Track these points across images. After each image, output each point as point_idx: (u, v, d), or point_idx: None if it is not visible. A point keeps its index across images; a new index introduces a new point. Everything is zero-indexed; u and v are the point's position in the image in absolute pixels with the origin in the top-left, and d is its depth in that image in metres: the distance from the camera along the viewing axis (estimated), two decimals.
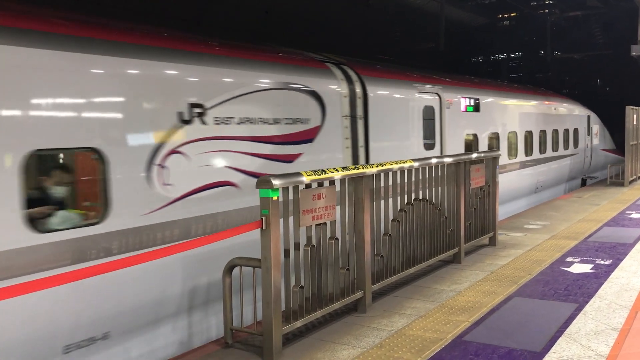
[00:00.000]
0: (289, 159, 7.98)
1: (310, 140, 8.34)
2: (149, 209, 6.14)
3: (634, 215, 12.13)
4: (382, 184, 6.54)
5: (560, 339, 5.32)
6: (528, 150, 16.19)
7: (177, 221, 6.40)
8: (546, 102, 18.19)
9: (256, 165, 7.45)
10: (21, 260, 5.05)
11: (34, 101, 5.30)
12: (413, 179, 7.13)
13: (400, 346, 5.26)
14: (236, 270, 5.44)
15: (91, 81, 5.75)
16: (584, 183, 21.63)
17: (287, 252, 5.34)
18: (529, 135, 16.20)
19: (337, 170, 5.77)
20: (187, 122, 6.59)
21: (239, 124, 7.22)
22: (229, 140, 7.10)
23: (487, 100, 13.92)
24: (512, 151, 15.21)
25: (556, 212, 12.87)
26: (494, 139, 14.18)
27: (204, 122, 6.77)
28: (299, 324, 5.38)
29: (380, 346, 5.28)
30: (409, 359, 4.98)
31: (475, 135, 13.26)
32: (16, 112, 5.18)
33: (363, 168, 6.10)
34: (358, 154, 9.33)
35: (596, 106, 24.22)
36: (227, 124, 7.04)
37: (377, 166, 6.33)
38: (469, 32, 36.63)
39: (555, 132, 18.35)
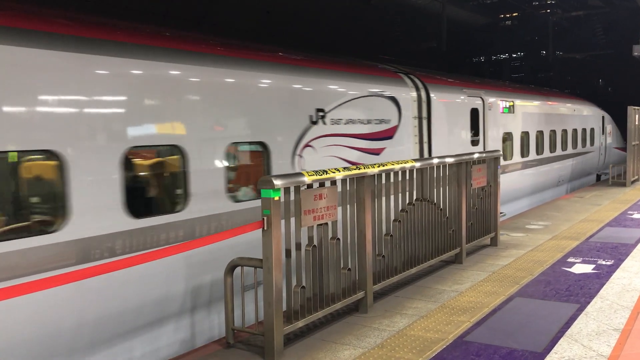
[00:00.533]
0: (376, 152, 9.77)
1: (390, 137, 10.19)
2: None
3: (636, 215, 12.12)
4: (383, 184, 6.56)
5: (562, 339, 5.32)
6: (552, 148, 17.83)
7: None
8: (567, 104, 19.72)
9: (355, 156, 9.16)
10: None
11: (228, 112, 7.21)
12: (415, 179, 7.13)
13: (402, 346, 5.26)
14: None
15: (264, 95, 7.81)
16: (598, 178, 22.85)
17: (288, 252, 5.35)
18: (552, 134, 17.83)
19: (338, 170, 5.77)
20: (314, 123, 8.45)
21: (345, 124, 9.07)
22: (340, 137, 8.93)
23: (520, 103, 15.63)
24: (539, 148, 16.79)
25: (558, 212, 12.86)
26: (525, 137, 15.83)
27: (324, 123, 8.63)
28: (300, 324, 5.38)
29: (382, 346, 5.28)
30: (410, 359, 4.98)
31: (510, 134, 14.95)
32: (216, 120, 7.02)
33: (364, 168, 6.11)
34: (423, 148, 11.12)
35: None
36: (338, 124, 8.91)
37: (378, 166, 6.33)
38: (471, 32, 36.61)
39: (575, 131, 19.83)
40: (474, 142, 13.11)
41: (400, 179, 6.84)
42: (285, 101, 8.11)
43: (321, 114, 8.57)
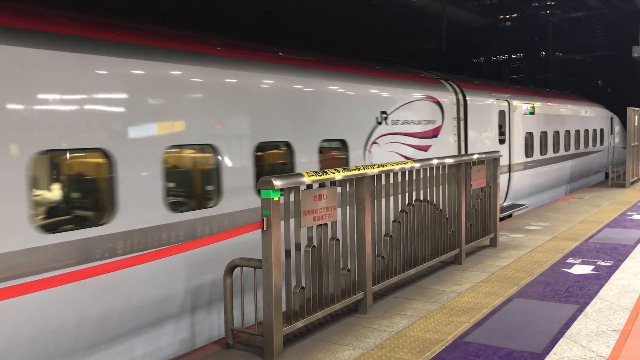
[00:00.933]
0: (425, 148, 11.22)
1: (436, 136, 11.67)
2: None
3: (635, 216, 12.12)
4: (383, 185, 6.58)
5: (561, 340, 5.32)
6: (566, 146, 19.32)
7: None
8: (579, 107, 21.17)
9: (409, 152, 10.68)
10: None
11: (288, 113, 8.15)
12: (414, 180, 7.14)
13: (401, 347, 5.26)
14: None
15: (345, 101, 9.35)
16: (606, 176, 24.14)
17: (288, 253, 5.35)
18: (567, 134, 19.29)
19: (338, 171, 5.78)
20: (379, 123, 9.94)
21: (402, 124, 10.55)
22: (397, 135, 10.41)
23: (539, 105, 17.12)
24: (556, 147, 18.37)
25: (557, 213, 12.86)
26: (543, 137, 17.30)
27: (386, 123, 10.11)
28: (299, 324, 5.38)
29: (381, 347, 5.28)
30: (409, 359, 4.99)
31: (531, 134, 16.33)
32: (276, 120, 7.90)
33: (364, 169, 6.11)
34: (461, 145, 12.62)
35: None
36: (396, 124, 10.36)
37: (378, 167, 6.34)
38: (471, 32, 36.62)
39: (586, 131, 21.35)
40: (501, 141, 14.63)
41: (399, 179, 6.84)
42: (359, 105, 9.63)
43: (384, 115, 10.11)
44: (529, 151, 16.06)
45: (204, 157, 7.07)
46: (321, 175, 5.49)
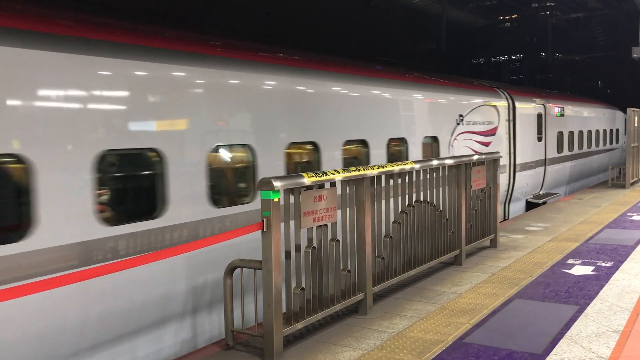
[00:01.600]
0: (487, 144, 13.77)
1: (494, 134, 14.25)
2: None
3: (635, 217, 12.12)
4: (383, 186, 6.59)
5: (562, 341, 5.32)
6: (588, 144, 21.84)
7: None
8: (599, 108, 23.73)
9: (477, 147, 13.23)
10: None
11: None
12: (414, 181, 7.13)
13: (401, 348, 5.26)
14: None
15: (437, 106, 12.10)
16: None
17: (288, 254, 5.34)
18: (589, 133, 21.80)
19: (338, 172, 5.77)
20: (458, 124, 12.55)
21: (472, 125, 13.15)
22: (469, 134, 13.04)
23: (567, 107, 19.64)
24: (580, 144, 20.86)
25: (557, 214, 12.86)
26: (570, 136, 19.69)
27: (462, 124, 12.74)
28: (299, 325, 5.38)
29: (381, 348, 5.28)
30: None
31: (561, 133, 18.87)
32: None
33: (364, 170, 6.11)
34: (511, 143, 15.11)
35: None
36: (468, 124, 13.00)
37: (377, 168, 6.34)
38: (470, 33, 36.61)
39: (605, 131, 23.88)
40: (539, 139, 17.07)
41: (399, 180, 6.84)
42: (447, 110, 12.31)
43: (461, 118, 12.72)
44: (559, 148, 18.61)
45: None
46: (321, 176, 5.49)
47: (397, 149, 10.45)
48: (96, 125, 5.68)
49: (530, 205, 16.18)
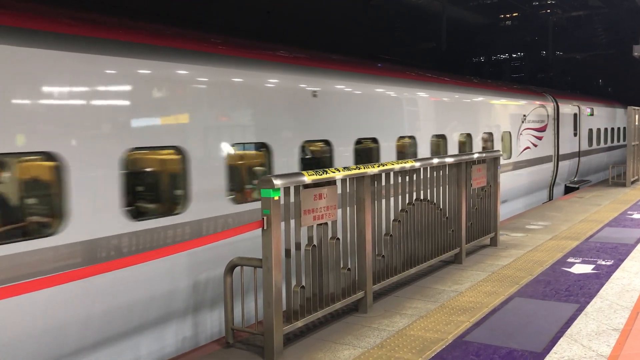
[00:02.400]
0: (540, 138, 17.43)
1: (544, 131, 17.82)
2: (517, 153, 15.94)
3: (636, 215, 12.12)
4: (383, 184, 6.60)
5: (562, 339, 5.32)
6: (612, 139, 25.52)
7: (522, 161, 16.20)
8: (619, 109, 26.68)
9: (533, 140, 16.85)
10: None
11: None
12: (414, 179, 7.13)
13: (401, 346, 5.26)
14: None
15: (512, 110, 16.08)
16: None
17: (288, 252, 5.34)
18: (612, 130, 25.47)
19: (338, 170, 5.77)
20: (522, 122, 16.20)
21: (531, 122, 16.76)
22: (529, 130, 16.61)
23: (596, 108, 23.20)
24: (605, 140, 24.44)
25: (557, 212, 12.86)
26: (597, 132, 23.26)
27: (525, 122, 16.34)
28: (300, 324, 5.38)
29: (381, 346, 5.28)
30: (409, 359, 4.98)
31: (590, 129, 22.37)
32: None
33: (364, 168, 6.10)
34: (555, 138, 18.66)
35: None
36: (529, 123, 16.57)
37: (378, 166, 6.33)
38: (471, 32, 36.56)
39: (621, 128, 26.90)
40: (575, 134, 20.56)
41: (400, 179, 6.84)
42: (516, 111, 16.06)
43: (524, 117, 16.36)
44: (589, 142, 22.20)
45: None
46: (321, 175, 5.49)
47: (488, 139, 14.35)
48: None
49: (567, 190, 20.01)
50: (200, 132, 6.86)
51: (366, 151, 9.68)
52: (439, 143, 11.98)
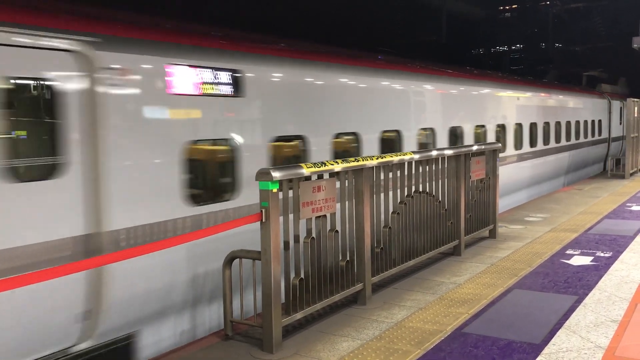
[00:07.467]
0: (600, 127, 23.86)
1: (602, 121, 24.06)
2: (590, 136, 22.83)
3: (635, 207, 12.13)
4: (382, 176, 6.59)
5: (560, 331, 5.33)
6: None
7: (590, 140, 22.67)
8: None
9: (590, 132, 22.27)
10: None
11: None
12: (413, 171, 7.13)
13: (400, 338, 5.27)
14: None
15: (587, 110, 22.61)
16: None
17: (287, 244, 5.34)
18: None
19: (337, 162, 5.77)
20: (592, 114, 22.96)
21: (596, 114, 23.42)
22: (595, 121, 23.16)
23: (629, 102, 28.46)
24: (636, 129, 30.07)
25: (556, 204, 12.87)
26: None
27: (593, 114, 23.01)
28: (298, 316, 5.39)
29: (380, 338, 5.29)
30: (408, 350, 5.00)
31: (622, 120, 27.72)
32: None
33: (363, 160, 6.10)
34: (609, 125, 24.75)
35: None
36: (595, 114, 23.32)
37: (377, 158, 6.32)
38: (471, 24, 36.48)
39: None
40: (620, 123, 26.17)
41: (399, 171, 6.83)
42: (595, 107, 22.56)
43: (593, 111, 22.35)
44: (619, 131, 26.40)
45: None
46: (320, 167, 5.48)
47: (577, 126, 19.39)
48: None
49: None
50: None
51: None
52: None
